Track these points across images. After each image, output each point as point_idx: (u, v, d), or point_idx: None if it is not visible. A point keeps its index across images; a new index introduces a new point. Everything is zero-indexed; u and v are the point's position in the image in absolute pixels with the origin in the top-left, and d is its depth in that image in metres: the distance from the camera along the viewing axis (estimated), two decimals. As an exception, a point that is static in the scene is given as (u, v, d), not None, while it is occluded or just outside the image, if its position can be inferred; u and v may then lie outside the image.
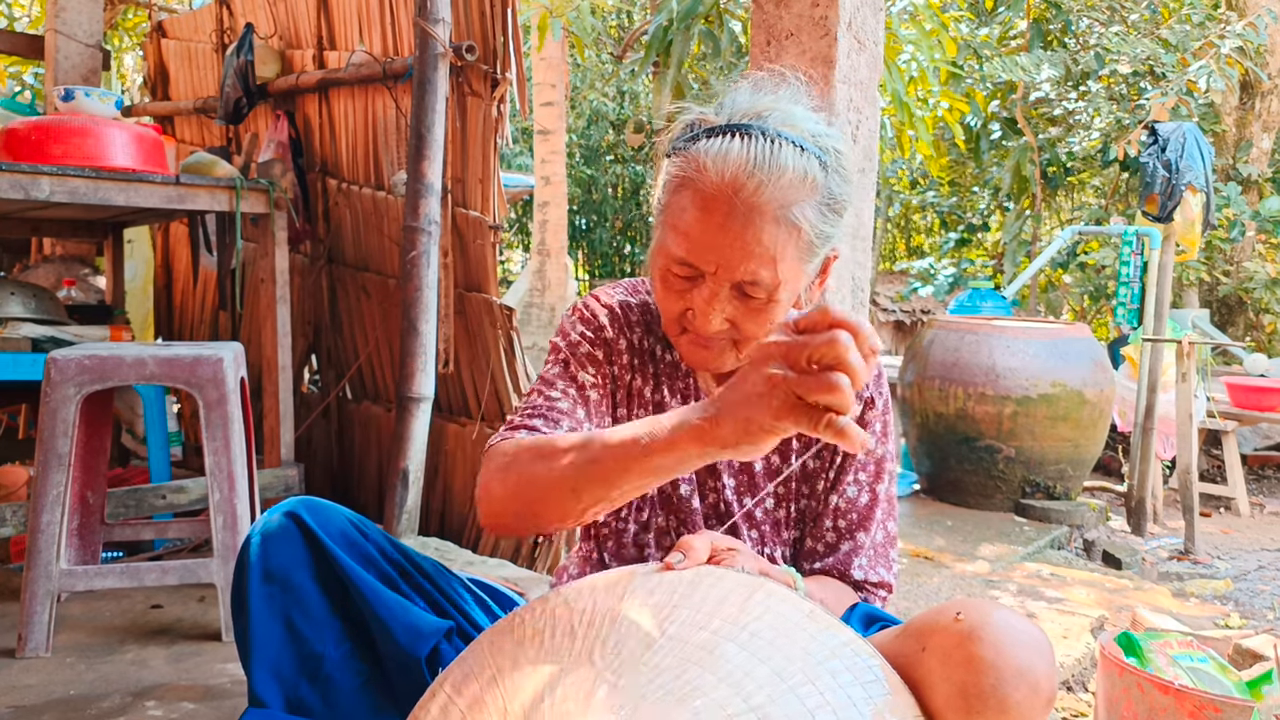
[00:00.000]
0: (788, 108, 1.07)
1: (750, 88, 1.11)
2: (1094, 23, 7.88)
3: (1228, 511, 5.19)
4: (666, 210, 1.08)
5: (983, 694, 0.82)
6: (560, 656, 0.83)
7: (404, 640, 1.06)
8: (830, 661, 0.83)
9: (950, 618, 0.87)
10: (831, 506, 1.24)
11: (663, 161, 1.11)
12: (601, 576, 0.96)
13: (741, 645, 0.82)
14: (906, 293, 9.70)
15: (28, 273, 4.40)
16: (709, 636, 0.82)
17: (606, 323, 1.22)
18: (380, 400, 3.31)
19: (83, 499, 2.38)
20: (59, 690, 1.85)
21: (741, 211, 1.00)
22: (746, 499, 1.24)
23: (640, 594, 0.89)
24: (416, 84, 2.66)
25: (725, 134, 1.03)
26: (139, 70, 9.00)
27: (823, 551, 1.25)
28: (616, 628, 0.84)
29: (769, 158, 1.01)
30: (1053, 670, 0.86)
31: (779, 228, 1.02)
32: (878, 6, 2.30)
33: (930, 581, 3.09)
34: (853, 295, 2.34)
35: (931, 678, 0.86)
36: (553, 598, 0.93)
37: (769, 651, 0.82)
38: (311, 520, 1.09)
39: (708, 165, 1.02)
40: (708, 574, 0.92)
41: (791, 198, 1.02)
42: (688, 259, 1.04)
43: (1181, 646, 1.91)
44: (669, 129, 1.14)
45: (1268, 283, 7.13)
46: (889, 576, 1.27)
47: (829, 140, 1.07)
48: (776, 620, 0.86)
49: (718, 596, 0.88)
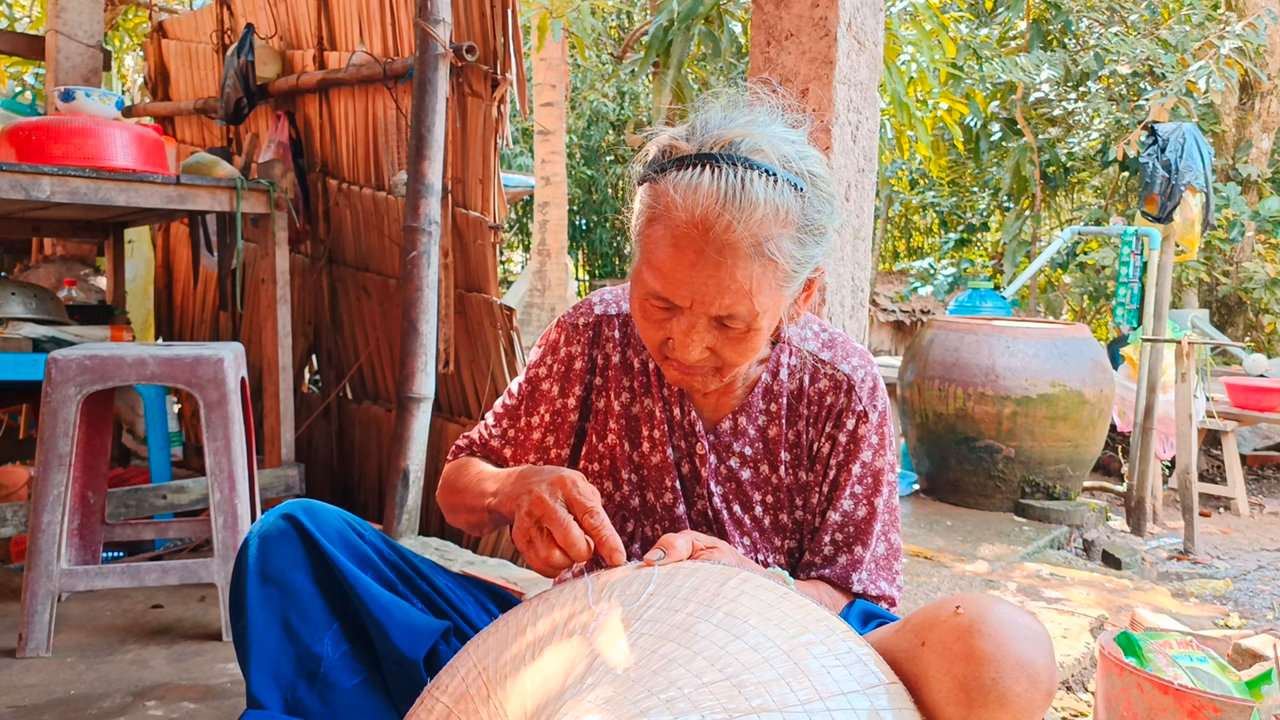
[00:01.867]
0: (761, 131, 1.03)
1: (721, 109, 1.07)
2: (1094, 23, 7.88)
3: (1227, 511, 5.19)
4: (642, 241, 1.06)
5: (983, 687, 0.82)
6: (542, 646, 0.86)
7: (401, 641, 1.06)
8: (803, 635, 0.84)
9: (950, 611, 0.87)
10: (829, 521, 1.23)
11: (636, 188, 1.08)
12: (585, 577, 0.98)
13: (717, 624, 0.83)
14: (906, 293, 9.69)
15: (28, 273, 4.40)
16: (684, 618, 0.84)
17: (574, 352, 1.27)
18: (381, 400, 3.31)
19: (83, 499, 2.38)
20: (59, 690, 1.85)
21: (714, 249, 0.98)
22: (736, 506, 1.24)
23: (619, 586, 0.91)
24: (417, 84, 2.66)
25: (694, 165, 0.99)
26: (139, 70, 9.00)
27: (819, 564, 1.25)
28: (597, 617, 0.87)
29: (739, 194, 0.97)
30: (1052, 663, 0.86)
31: (753, 263, 0.99)
32: (878, 7, 2.31)
33: (930, 581, 3.09)
34: (852, 295, 2.34)
35: (931, 671, 0.86)
36: (535, 598, 0.97)
37: (743, 629, 0.83)
38: (308, 522, 1.09)
39: (677, 202, 0.98)
40: (685, 566, 0.95)
41: (765, 233, 0.98)
42: (663, 294, 1.03)
43: (1181, 646, 1.91)
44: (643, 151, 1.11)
45: (1267, 283, 7.13)
46: (891, 590, 1.26)
47: (805, 164, 1.03)
48: (751, 601, 0.87)
49: (693, 584, 0.90)
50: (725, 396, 1.23)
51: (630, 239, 1.11)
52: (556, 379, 1.28)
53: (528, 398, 1.31)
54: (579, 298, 10.09)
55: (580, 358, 1.27)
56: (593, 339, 1.27)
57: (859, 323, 2.37)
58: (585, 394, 1.28)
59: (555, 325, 1.30)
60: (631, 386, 1.25)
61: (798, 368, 1.24)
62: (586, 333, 1.27)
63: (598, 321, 1.27)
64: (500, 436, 1.34)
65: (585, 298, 1.31)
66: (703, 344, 1.06)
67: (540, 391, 1.30)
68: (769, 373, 1.23)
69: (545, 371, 1.29)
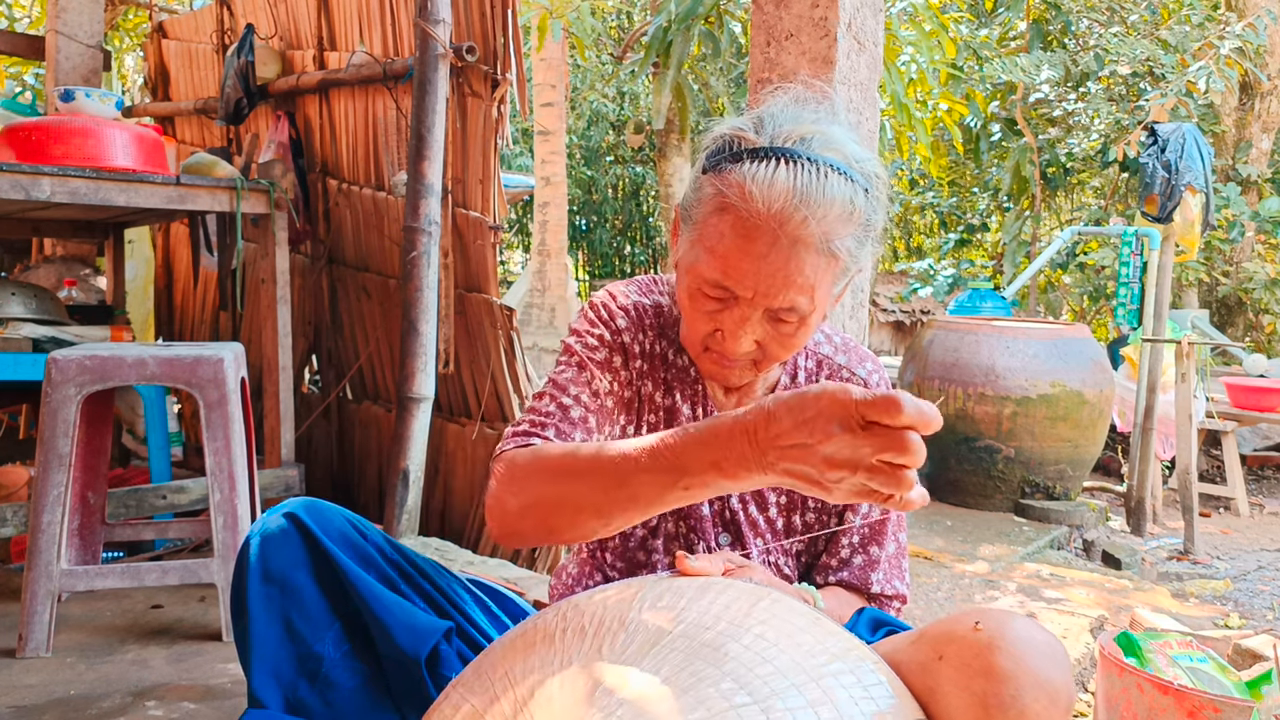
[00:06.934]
0: (828, 129, 1.04)
1: (792, 104, 1.08)
2: (1094, 24, 7.88)
3: (1227, 511, 5.19)
4: (702, 230, 1.05)
5: (1002, 704, 0.82)
6: (569, 655, 0.85)
7: (403, 641, 1.06)
8: (834, 664, 0.84)
9: (968, 627, 0.87)
10: (847, 523, 1.25)
11: (700, 177, 1.07)
12: (614, 585, 0.97)
13: (746, 645, 0.83)
14: (906, 293, 9.69)
15: (28, 273, 4.41)
16: (714, 636, 0.84)
17: (623, 325, 1.20)
18: (381, 400, 3.32)
19: (83, 499, 2.38)
20: (59, 690, 1.85)
21: (786, 243, 0.99)
22: (752, 506, 1.24)
23: (650, 598, 0.90)
24: (417, 85, 2.66)
25: (770, 159, 1.00)
26: (139, 71, 9.00)
27: (836, 566, 1.26)
28: (626, 627, 0.86)
29: (818, 190, 0.98)
30: (1070, 681, 0.86)
31: (820, 258, 1.01)
32: (878, 7, 2.31)
33: (930, 581, 3.09)
34: (852, 296, 2.34)
35: (947, 686, 0.86)
36: (564, 604, 0.95)
37: (773, 652, 0.83)
38: (311, 521, 1.09)
39: (753, 193, 0.98)
40: (717, 583, 0.94)
41: (836, 230, 1.00)
42: (724, 283, 1.03)
43: (1181, 646, 1.91)
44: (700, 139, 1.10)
45: (1267, 283, 7.13)
46: (903, 588, 1.28)
47: (869, 165, 1.05)
48: (782, 624, 0.87)
49: (725, 601, 0.89)
50: (746, 397, 1.22)
51: (683, 227, 1.10)
52: (615, 348, 1.20)
53: (590, 363, 1.17)
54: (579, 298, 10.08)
55: (630, 333, 1.21)
56: (636, 320, 1.22)
57: (859, 323, 2.37)
58: (633, 376, 1.22)
59: (596, 302, 1.23)
60: (665, 378, 1.23)
61: (814, 370, 1.25)
62: (632, 313, 1.22)
63: (636, 307, 1.23)
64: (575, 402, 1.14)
65: (606, 287, 1.27)
66: (753, 336, 1.06)
67: (600, 359, 1.18)
68: (788, 374, 1.24)
69: (598, 340, 1.19)
